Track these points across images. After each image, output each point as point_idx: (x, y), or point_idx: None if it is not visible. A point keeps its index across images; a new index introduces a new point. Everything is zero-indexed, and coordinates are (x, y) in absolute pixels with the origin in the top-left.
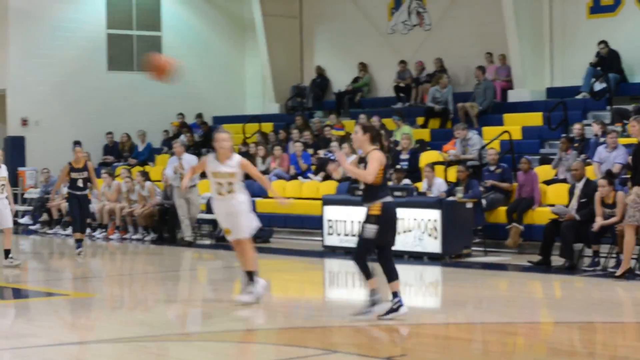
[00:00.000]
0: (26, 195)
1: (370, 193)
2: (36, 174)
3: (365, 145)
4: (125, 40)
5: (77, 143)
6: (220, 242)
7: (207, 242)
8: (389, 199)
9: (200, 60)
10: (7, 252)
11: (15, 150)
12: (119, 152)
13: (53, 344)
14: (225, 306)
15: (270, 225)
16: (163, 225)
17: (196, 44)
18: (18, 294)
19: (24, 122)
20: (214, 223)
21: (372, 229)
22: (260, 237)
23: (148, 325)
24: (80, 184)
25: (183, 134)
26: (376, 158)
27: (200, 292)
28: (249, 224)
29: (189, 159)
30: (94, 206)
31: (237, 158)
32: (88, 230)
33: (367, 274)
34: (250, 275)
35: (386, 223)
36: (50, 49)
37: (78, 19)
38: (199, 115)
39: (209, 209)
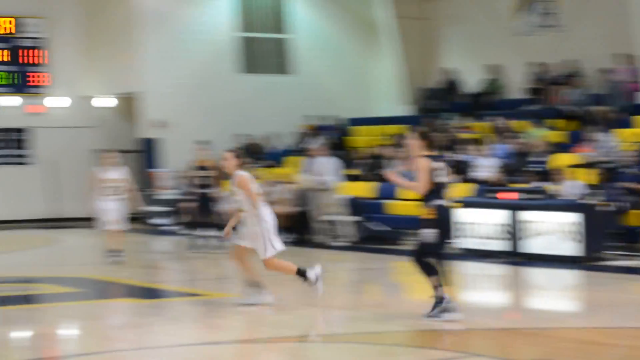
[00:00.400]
0: (160, 197)
1: (424, 198)
2: (170, 175)
3: (418, 152)
4: (254, 43)
5: (201, 143)
6: (357, 244)
7: (343, 243)
8: (440, 202)
9: (331, 62)
10: (115, 252)
11: (149, 152)
12: (250, 153)
13: (192, 344)
14: (363, 308)
15: (402, 227)
16: (300, 227)
17: (326, 46)
18: (156, 294)
19: (158, 124)
20: (350, 225)
21: (430, 233)
22: (392, 239)
23: (284, 326)
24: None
25: (315, 136)
26: (423, 167)
27: (338, 293)
28: None
29: (323, 161)
30: (225, 207)
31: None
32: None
33: (429, 272)
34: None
35: (441, 225)
36: (181, 52)
37: (208, 22)
38: (330, 117)
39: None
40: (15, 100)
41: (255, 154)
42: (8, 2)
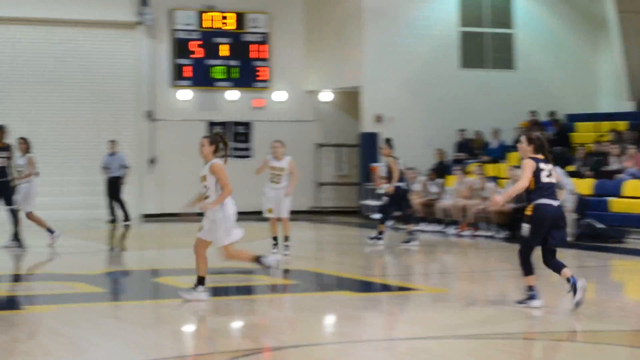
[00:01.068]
0: (379, 191)
1: (527, 196)
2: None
3: (526, 154)
4: (477, 38)
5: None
6: (576, 241)
7: None
8: (543, 200)
9: (553, 57)
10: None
11: (369, 146)
12: (471, 149)
13: (405, 338)
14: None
15: (624, 225)
16: (515, 223)
17: (549, 41)
18: (371, 287)
19: (378, 119)
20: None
21: (525, 228)
22: (614, 237)
23: (499, 322)
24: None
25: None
26: (527, 166)
27: (553, 290)
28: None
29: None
30: (446, 202)
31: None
32: (440, 227)
33: (526, 270)
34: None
35: (536, 222)
36: (403, 47)
37: (431, 17)
38: (552, 113)
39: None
40: (239, 94)
41: (476, 150)
42: None
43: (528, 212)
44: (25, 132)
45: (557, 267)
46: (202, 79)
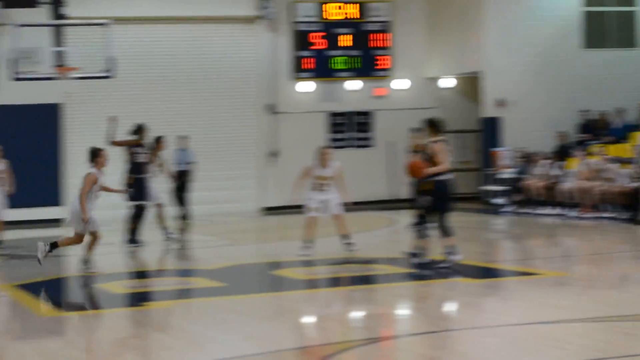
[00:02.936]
0: (500, 176)
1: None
2: (511, 154)
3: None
4: (600, 17)
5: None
6: None
7: None
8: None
9: None
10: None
11: (491, 131)
12: (594, 130)
13: (523, 323)
14: None
15: None
16: (635, 204)
17: None
18: (491, 273)
19: (500, 103)
20: None
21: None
22: None
23: (620, 305)
24: None
25: None
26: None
27: None
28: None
29: None
30: (568, 185)
31: None
32: (562, 210)
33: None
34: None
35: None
36: (525, 29)
37: None
38: None
39: None
40: (360, 84)
41: (600, 130)
42: None
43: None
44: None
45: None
46: (323, 70)
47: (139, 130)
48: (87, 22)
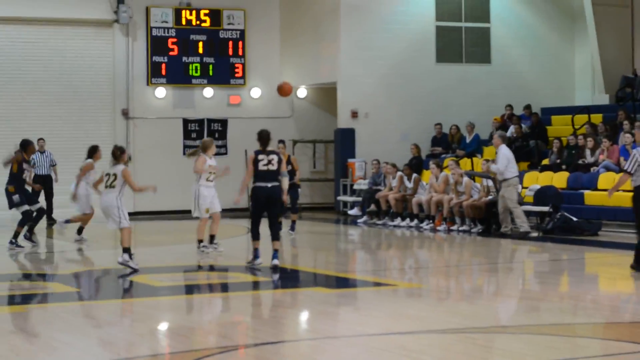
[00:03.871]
0: (355, 187)
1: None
2: (365, 166)
3: None
4: (454, 32)
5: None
6: (549, 234)
7: (535, 234)
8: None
9: (529, 51)
10: (212, 238)
11: (346, 142)
12: (447, 143)
13: (380, 333)
14: (551, 299)
15: (599, 217)
16: (490, 218)
17: (525, 34)
18: (346, 283)
19: (354, 115)
20: (541, 215)
21: None
22: (588, 230)
23: (474, 316)
24: None
25: (513, 124)
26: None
27: (527, 284)
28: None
29: (504, 152)
30: (421, 197)
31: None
32: (415, 222)
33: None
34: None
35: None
36: (379, 42)
37: (408, 12)
38: (527, 107)
39: (535, 201)
40: (215, 92)
41: (453, 144)
42: None
43: None
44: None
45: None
46: (178, 76)
47: (25, 145)
48: None
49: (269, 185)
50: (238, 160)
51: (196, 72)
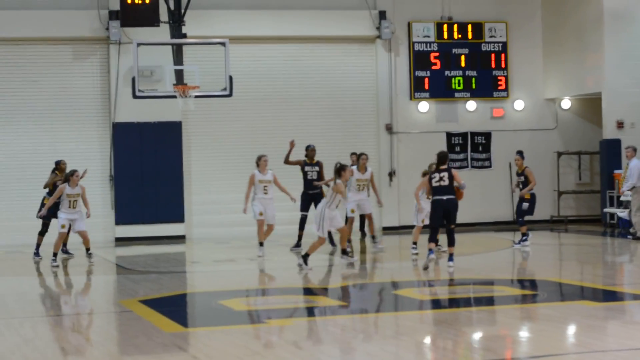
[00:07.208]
0: (622, 198)
1: None
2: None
3: None
4: None
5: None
6: None
7: None
8: None
9: None
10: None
11: (611, 153)
12: None
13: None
14: None
15: None
16: None
17: None
18: (614, 296)
19: (619, 125)
20: None
21: None
22: None
23: None
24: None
25: None
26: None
27: None
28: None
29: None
30: None
31: None
32: None
33: None
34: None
35: None
36: None
37: None
38: None
39: None
40: (478, 105)
41: None
42: (468, 8)
43: None
44: (267, 147)
45: None
46: (441, 90)
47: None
48: (206, 41)
49: (444, 198)
50: (501, 172)
51: (459, 85)
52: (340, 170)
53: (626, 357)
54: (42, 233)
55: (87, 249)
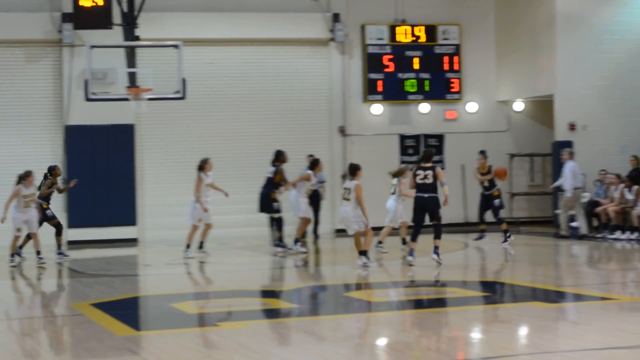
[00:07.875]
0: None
1: None
2: (584, 178)
3: None
4: None
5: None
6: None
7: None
8: None
9: None
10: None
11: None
12: None
13: (598, 348)
14: None
15: None
16: None
17: None
18: (564, 297)
19: (572, 127)
20: None
21: None
22: None
23: None
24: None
25: None
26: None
27: None
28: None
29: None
30: None
31: None
32: (636, 235)
33: None
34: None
35: None
36: (597, 52)
37: (626, 21)
38: None
39: None
40: (431, 107)
41: None
42: (422, 10)
43: None
44: (220, 150)
45: None
46: (394, 92)
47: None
48: (159, 43)
49: (425, 195)
50: (454, 174)
51: (412, 88)
52: (355, 169)
53: (577, 358)
54: (59, 233)
55: (38, 252)
